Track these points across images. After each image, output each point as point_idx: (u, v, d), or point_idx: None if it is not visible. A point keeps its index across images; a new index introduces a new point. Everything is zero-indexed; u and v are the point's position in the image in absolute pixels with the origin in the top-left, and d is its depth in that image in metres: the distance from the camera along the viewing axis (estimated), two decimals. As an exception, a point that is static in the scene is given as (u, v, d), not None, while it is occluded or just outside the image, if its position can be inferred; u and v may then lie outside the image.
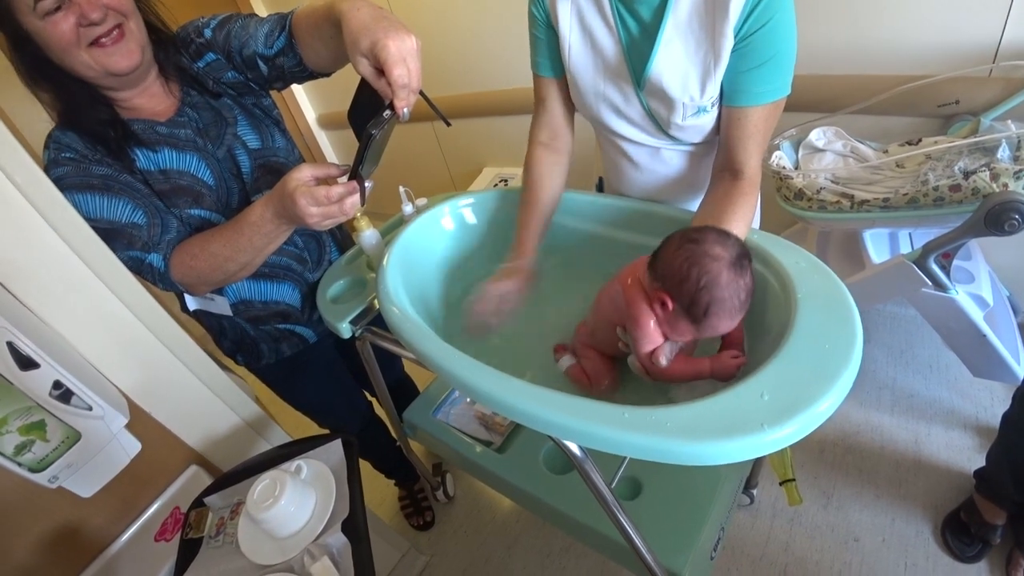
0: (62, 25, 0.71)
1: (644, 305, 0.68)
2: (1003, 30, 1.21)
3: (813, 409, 0.51)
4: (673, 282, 0.64)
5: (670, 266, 0.65)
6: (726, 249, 0.63)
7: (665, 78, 0.77)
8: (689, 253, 0.64)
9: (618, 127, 0.89)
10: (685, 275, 0.63)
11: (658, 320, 0.68)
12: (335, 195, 0.72)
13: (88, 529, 0.82)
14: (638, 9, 0.76)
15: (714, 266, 0.62)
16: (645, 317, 0.68)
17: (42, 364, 0.65)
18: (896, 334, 1.69)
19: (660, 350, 0.68)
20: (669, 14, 0.73)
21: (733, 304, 0.63)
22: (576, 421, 0.56)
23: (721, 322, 0.64)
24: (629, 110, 0.85)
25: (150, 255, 0.81)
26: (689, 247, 0.64)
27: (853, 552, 1.23)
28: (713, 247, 0.63)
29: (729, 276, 0.62)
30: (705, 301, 0.62)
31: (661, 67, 0.77)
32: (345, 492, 0.78)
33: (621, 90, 0.84)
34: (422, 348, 0.71)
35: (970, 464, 1.31)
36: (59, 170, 0.77)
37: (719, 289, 0.62)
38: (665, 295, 0.65)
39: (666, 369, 0.68)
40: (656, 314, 0.68)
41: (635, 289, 0.70)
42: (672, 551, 0.89)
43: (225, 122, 0.91)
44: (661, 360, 0.68)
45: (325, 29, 0.79)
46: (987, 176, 1.02)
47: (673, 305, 0.65)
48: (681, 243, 0.65)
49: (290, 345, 1.08)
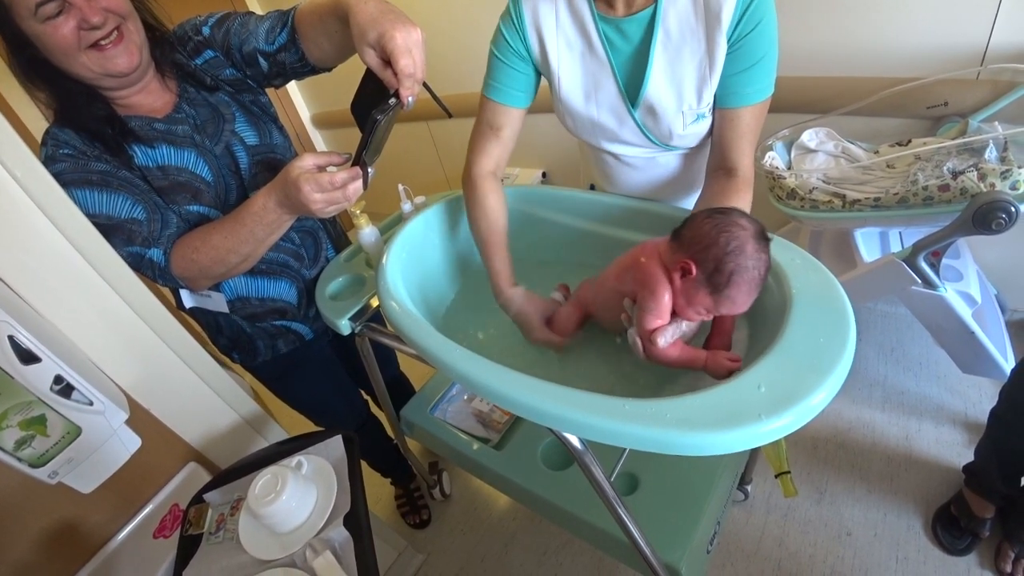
0: (63, 29, 0.72)
1: (662, 277, 0.69)
2: (990, 34, 1.23)
3: (808, 401, 0.52)
4: (699, 247, 0.66)
5: (698, 232, 0.66)
6: (751, 223, 0.65)
7: (661, 93, 0.78)
8: (718, 222, 0.66)
9: (612, 148, 0.90)
10: (713, 240, 0.64)
11: (674, 292, 0.68)
12: (339, 180, 0.73)
13: (87, 526, 0.81)
14: (626, 29, 0.76)
15: (742, 234, 0.64)
16: (661, 288, 0.68)
17: (43, 358, 0.65)
18: (887, 332, 1.72)
19: (663, 329, 0.69)
20: (659, 28, 0.74)
21: (753, 276, 0.64)
22: (576, 413, 0.57)
23: (740, 293, 0.64)
24: (624, 132, 0.86)
25: (150, 250, 0.81)
26: (718, 217, 0.66)
27: (846, 546, 1.25)
28: (740, 219, 0.65)
29: (753, 246, 0.64)
30: (730, 268, 0.63)
31: (657, 82, 0.78)
32: (346, 487, 0.78)
33: (616, 114, 0.84)
34: (422, 342, 0.71)
35: (959, 459, 1.33)
36: (57, 166, 0.77)
37: (745, 257, 0.63)
38: (689, 261, 0.66)
39: (663, 350, 0.69)
40: (674, 285, 0.68)
41: (653, 262, 0.71)
42: (669, 545, 0.90)
43: (223, 119, 0.92)
44: (660, 340, 0.69)
45: (330, 23, 0.81)
46: (975, 176, 1.04)
47: (697, 271, 0.66)
48: (709, 214, 0.67)
49: (286, 342, 1.08)
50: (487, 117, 0.89)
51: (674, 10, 0.73)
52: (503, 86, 0.86)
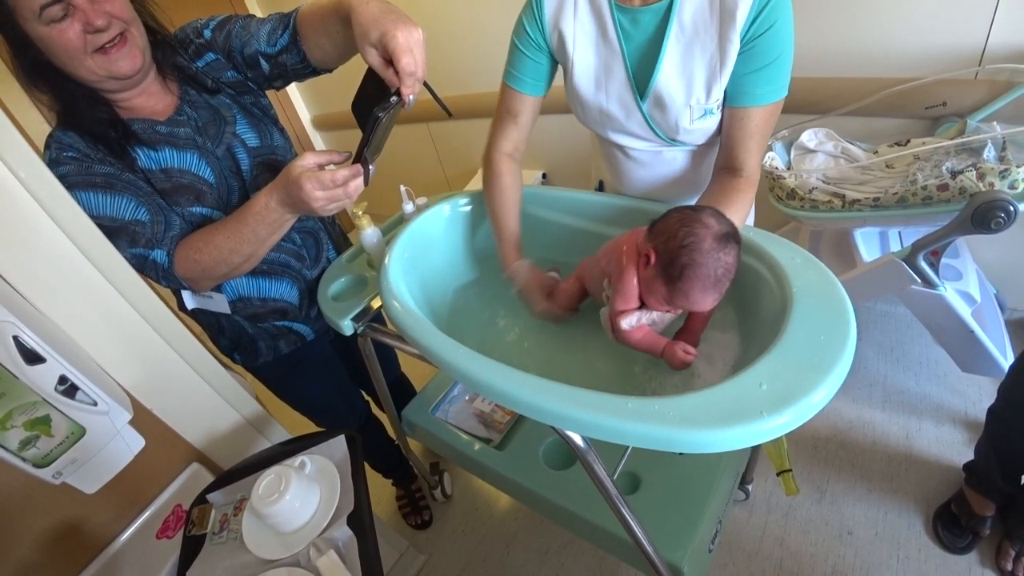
0: (68, 32, 0.72)
1: (631, 263, 0.72)
2: (988, 34, 1.24)
3: (809, 398, 0.53)
4: (662, 239, 0.68)
5: (665, 225, 0.69)
6: (718, 223, 0.67)
7: (671, 85, 0.79)
8: (684, 216, 0.68)
9: (619, 139, 0.91)
10: (673, 233, 0.67)
11: (639, 279, 0.71)
12: (340, 178, 0.74)
13: (90, 526, 0.82)
14: (641, 18, 0.78)
15: (701, 231, 0.66)
16: (629, 275, 0.72)
17: (48, 359, 0.65)
18: (887, 332, 1.72)
19: (628, 313, 0.72)
20: (674, 20, 0.75)
21: (707, 273, 0.65)
22: (579, 411, 0.57)
23: (693, 289, 0.66)
24: (631, 123, 0.87)
25: (154, 251, 0.81)
26: (687, 212, 0.69)
27: (847, 545, 1.25)
28: (707, 218, 0.67)
29: (712, 244, 0.65)
30: (683, 261, 0.65)
31: (667, 74, 0.79)
32: (349, 487, 0.79)
33: (623, 104, 0.85)
34: (424, 341, 0.72)
35: (959, 458, 1.34)
36: (62, 168, 0.77)
37: (699, 253, 0.64)
38: (651, 250, 0.69)
39: (626, 333, 0.72)
40: (639, 272, 0.71)
41: (630, 248, 0.74)
42: (671, 544, 0.90)
43: (224, 121, 0.92)
44: (623, 322, 0.72)
45: (332, 24, 0.81)
46: (974, 176, 1.04)
47: (655, 261, 0.68)
48: (680, 209, 0.70)
49: (288, 342, 1.09)
50: (506, 103, 0.94)
51: (690, 4, 0.74)
52: (522, 75, 0.90)
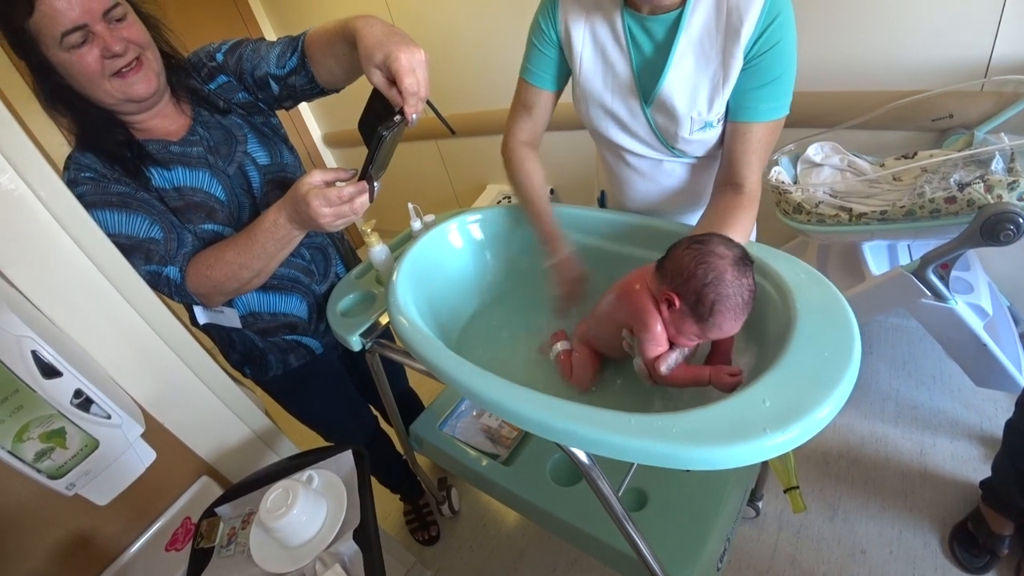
0: (87, 58, 0.75)
1: (652, 308, 0.71)
2: (993, 46, 1.24)
3: (814, 415, 0.52)
4: (680, 280, 0.67)
5: (677, 265, 0.68)
6: (730, 249, 0.66)
7: (675, 94, 0.81)
8: (696, 252, 0.67)
9: (622, 140, 0.92)
10: (692, 272, 0.66)
11: (665, 323, 0.70)
12: (347, 195, 0.76)
13: (101, 537, 0.83)
14: (652, 27, 0.80)
15: (719, 263, 0.65)
16: (653, 320, 0.70)
17: (64, 373, 0.66)
18: (899, 346, 1.70)
19: (664, 357, 0.70)
20: (682, 32, 0.77)
21: (736, 302, 0.65)
22: (583, 428, 0.57)
23: (726, 320, 0.65)
24: (635, 125, 0.89)
25: (167, 268, 0.83)
26: (696, 247, 0.67)
27: (860, 564, 1.23)
28: (718, 247, 0.66)
29: (733, 274, 0.64)
30: (711, 298, 0.64)
31: (672, 84, 0.80)
32: (356, 501, 0.79)
33: (628, 106, 0.87)
34: (430, 358, 0.72)
35: (976, 474, 1.31)
36: (80, 188, 0.80)
37: (724, 285, 0.64)
38: (672, 294, 0.68)
39: (667, 376, 0.71)
40: (663, 316, 0.70)
41: (643, 293, 0.72)
42: (678, 562, 0.89)
43: (235, 140, 0.95)
44: (662, 367, 0.70)
45: (338, 46, 0.84)
46: (982, 188, 1.04)
47: (680, 303, 0.67)
48: (688, 244, 0.68)
49: (297, 356, 1.10)
50: (521, 96, 0.99)
51: (699, 17, 0.76)
52: (536, 69, 0.94)
